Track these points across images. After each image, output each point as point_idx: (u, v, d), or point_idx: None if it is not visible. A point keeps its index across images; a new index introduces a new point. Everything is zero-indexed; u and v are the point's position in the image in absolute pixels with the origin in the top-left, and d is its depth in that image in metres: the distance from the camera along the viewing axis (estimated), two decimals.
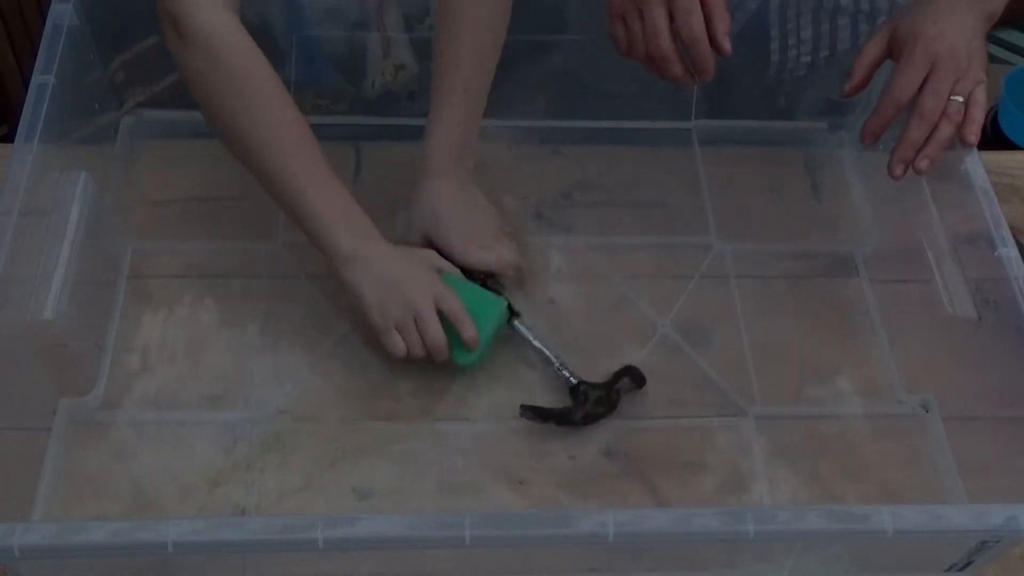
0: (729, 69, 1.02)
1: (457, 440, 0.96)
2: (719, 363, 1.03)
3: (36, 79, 0.96)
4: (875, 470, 0.97)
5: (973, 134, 0.96)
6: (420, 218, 1.01)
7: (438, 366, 1.00)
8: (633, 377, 0.99)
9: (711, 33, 0.97)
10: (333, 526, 0.74)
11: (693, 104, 1.20)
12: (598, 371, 1.00)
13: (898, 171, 0.98)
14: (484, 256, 1.02)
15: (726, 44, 0.98)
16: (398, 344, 0.94)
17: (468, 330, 0.95)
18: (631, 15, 0.99)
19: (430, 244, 1.01)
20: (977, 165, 0.98)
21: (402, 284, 0.94)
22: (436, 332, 0.94)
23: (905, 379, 1.03)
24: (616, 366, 1.00)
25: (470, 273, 1.01)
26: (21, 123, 0.93)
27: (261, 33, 0.96)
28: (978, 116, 0.96)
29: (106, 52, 1.11)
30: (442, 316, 0.95)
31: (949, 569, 0.89)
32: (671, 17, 0.97)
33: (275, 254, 1.07)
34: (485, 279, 1.02)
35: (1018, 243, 0.95)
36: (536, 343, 1.00)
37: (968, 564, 0.88)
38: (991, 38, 1.98)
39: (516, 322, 1.01)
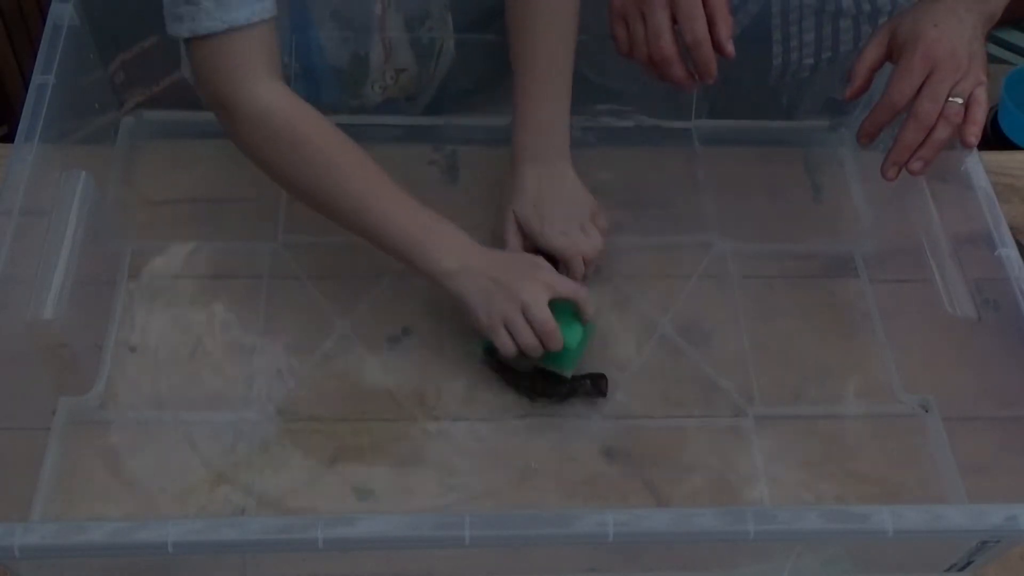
0: (731, 70, 1.02)
1: (457, 440, 0.96)
2: (719, 363, 1.03)
3: (36, 79, 0.96)
4: (875, 470, 0.97)
5: (973, 135, 0.96)
6: (512, 200, 1.03)
7: (438, 366, 1.00)
8: (595, 383, 0.98)
9: (714, 36, 0.97)
10: (333, 526, 0.74)
11: (693, 104, 1.20)
12: (596, 371, 1.00)
13: (891, 173, 0.98)
14: (556, 242, 1.02)
15: (729, 47, 0.98)
16: (505, 342, 0.94)
17: (585, 301, 0.95)
18: (632, 16, 0.98)
19: (520, 224, 1.03)
20: (977, 165, 0.98)
21: (506, 280, 0.93)
22: (544, 317, 0.92)
23: (905, 379, 1.03)
24: (615, 366, 1.01)
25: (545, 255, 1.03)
26: (21, 123, 0.93)
27: None
28: (979, 117, 0.96)
29: (106, 52, 1.11)
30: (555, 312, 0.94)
31: (949, 569, 0.89)
32: (673, 19, 0.97)
33: (275, 254, 1.07)
34: (555, 264, 1.02)
35: (1018, 243, 0.95)
36: None
37: (968, 564, 0.88)
38: (991, 38, 1.99)
39: None
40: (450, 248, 0.94)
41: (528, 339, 0.93)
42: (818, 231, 1.14)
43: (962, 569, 0.89)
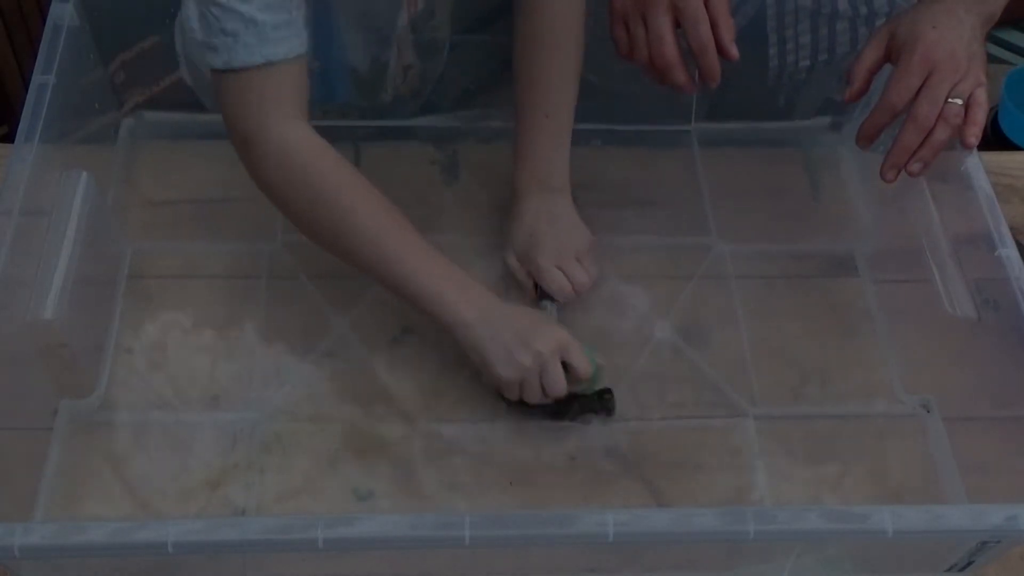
0: (728, 72, 1.02)
1: (457, 440, 0.96)
2: (719, 363, 1.03)
3: (36, 79, 0.96)
4: (875, 470, 0.97)
5: (974, 136, 0.96)
6: (512, 237, 1.04)
7: (438, 366, 1.00)
8: (601, 400, 0.98)
9: (717, 39, 0.97)
10: (333, 526, 0.74)
11: (693, 105, 1.20)
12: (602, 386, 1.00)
13: (890, 175, 0.98)
14: (551, 277, 1.02)
15: (733, 50, 0.98)
16: (513, 395, 0.95)
17: (584, 364, 0.95)
18: (634, 19, 0.98)
19: (517, 255, 1.04)
20: (977, 165, 0.98)
21: (526, 338, 0.93)
22: (560, 385, 0.93)
23: (905, 379, 1.03)
24: (615, 366, 1.01)
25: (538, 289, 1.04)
26: (21, 123, 0.93)
27: None
28: (979, 118, 0.96)
29: (106, 52, 1.11)
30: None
31: (949, 569, 0.89)
32: (675, 23, 0.97)
33: (275, 254, 1.07)
34: (545, 296, 1.03)
35: (1018, 243, 0.95)
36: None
37: (968, 564, 0.88)
38: (991, 38, 1.98)
39: (544, 301, 1.03)
40: (469, 299, 0.93)
41: (537, 399, 0.94)
42: (818, 231, 1.14)
43: (962, 569, 0.89)
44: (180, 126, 1.15)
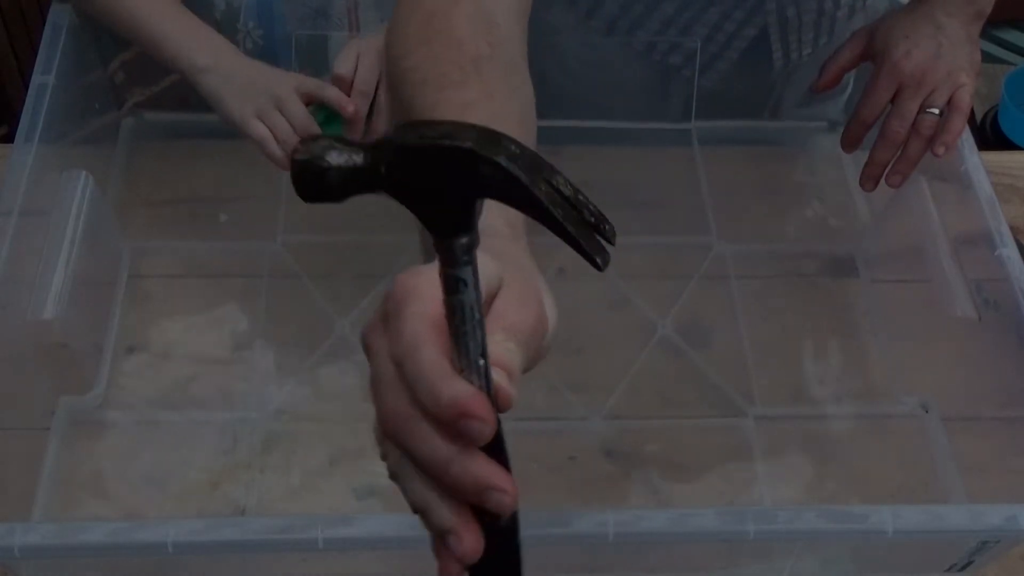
0: (730, 85, 1.01)
1: None
2: (719, 363, 1.03)
3: (36, 79, 0.97)
4: (875, 470, 0.97)
5: (943, 145, 0.95)
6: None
7: None
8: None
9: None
10: (333, 526, 0.74)
11: (693, 104, 1.20)
12: (597, 371, 1.00)
13: (868, 186, 0.99)
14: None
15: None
16: (259, 129, 0.96)
17: (333, 93, 0.98)
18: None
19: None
20: (977, 165, 0.98)
21: (260, 78, 0.97)
22: (300, 111, 0.97)
23: (905, 379, 1.03)
24: (615, 366, 1.01)
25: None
26: (21, 123, 0.93)
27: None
28: (955, 126, 0.96)
29: (106, 52, 1.11)
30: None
31: (949, 569, 0.89)
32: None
33: (275, 254, 1.07)
34: None
35: (1018, 243, 0.95)
36: None
37: (968, 564, 0.88)
38: (991, 38, 1.99)
39: None
40: (206, 46, 0.97)
41: (284, 129, 0.96)
42: (818, 231, 1.14)
43: (962, 569, 0.89)
44: (180, 126, 1.15)
